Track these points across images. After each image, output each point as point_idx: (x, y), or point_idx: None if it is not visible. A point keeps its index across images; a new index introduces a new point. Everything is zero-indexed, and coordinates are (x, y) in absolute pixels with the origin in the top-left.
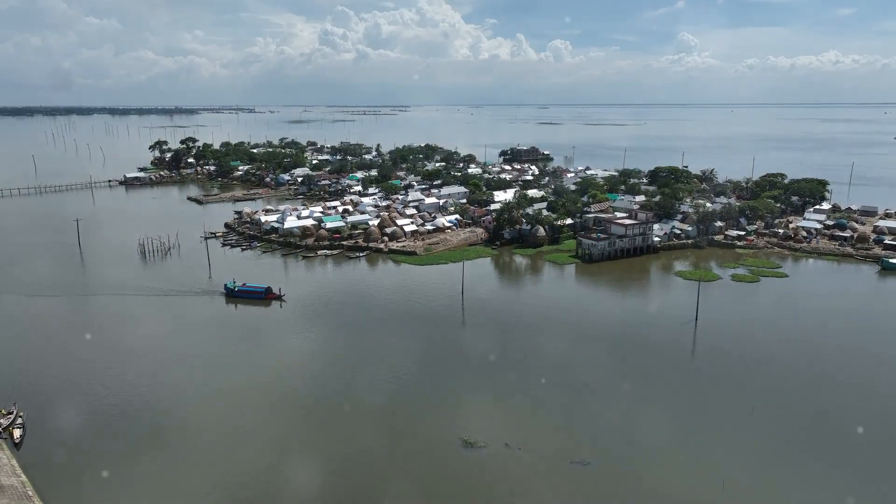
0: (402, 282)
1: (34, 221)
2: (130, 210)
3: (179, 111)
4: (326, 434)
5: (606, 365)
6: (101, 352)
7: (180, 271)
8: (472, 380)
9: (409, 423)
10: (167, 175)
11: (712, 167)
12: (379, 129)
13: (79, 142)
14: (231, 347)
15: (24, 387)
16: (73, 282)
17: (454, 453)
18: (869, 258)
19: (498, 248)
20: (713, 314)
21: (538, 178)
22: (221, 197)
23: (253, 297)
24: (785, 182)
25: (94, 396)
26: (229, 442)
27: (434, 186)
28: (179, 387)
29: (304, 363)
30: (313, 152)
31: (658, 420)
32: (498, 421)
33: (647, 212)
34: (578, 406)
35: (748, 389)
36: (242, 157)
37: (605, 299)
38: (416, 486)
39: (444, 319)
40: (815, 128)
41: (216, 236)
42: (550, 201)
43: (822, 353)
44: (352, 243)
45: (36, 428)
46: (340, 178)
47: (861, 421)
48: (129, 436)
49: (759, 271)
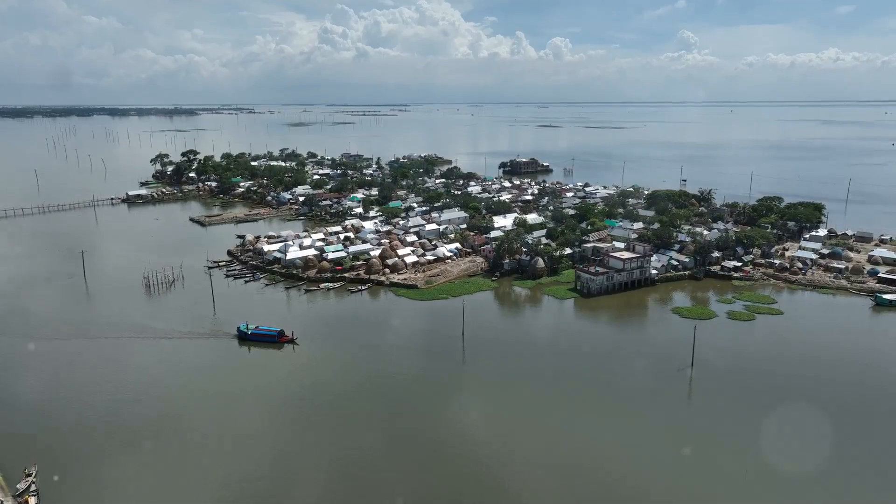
0: (405, 320)
1: (40, 250)
2: (134, 232)
3: (179, 112)
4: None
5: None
6: (120, 403)
7: (186, 306)
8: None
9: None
10: (169, 192)
11: (710, 188)
12: (379, 134)
13: (80, 151)
14: (252, 397)
15: (39, 439)
16: (82, 321)
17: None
18: (863, 291)
19: (497, 280)
20: (709, 355)
21: (537, 198)
22: (223, 218)
23: (266, 339)
24: (782, 206)
25: (112, 453)
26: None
27: (434, 209)
28: (201, 439)
29: (323, 417)
30: (314, 165)
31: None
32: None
33: (644, 244)
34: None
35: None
36: (243, 173)
37: (603, 339)
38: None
39: (447, 355)
40: (815, 131)
41: (219, 266)
42: (549, 228)
43: (814, 399)
44: (354, 275)
45: (51, 492)
46: (341, 198)
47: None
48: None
49: (754, 307)
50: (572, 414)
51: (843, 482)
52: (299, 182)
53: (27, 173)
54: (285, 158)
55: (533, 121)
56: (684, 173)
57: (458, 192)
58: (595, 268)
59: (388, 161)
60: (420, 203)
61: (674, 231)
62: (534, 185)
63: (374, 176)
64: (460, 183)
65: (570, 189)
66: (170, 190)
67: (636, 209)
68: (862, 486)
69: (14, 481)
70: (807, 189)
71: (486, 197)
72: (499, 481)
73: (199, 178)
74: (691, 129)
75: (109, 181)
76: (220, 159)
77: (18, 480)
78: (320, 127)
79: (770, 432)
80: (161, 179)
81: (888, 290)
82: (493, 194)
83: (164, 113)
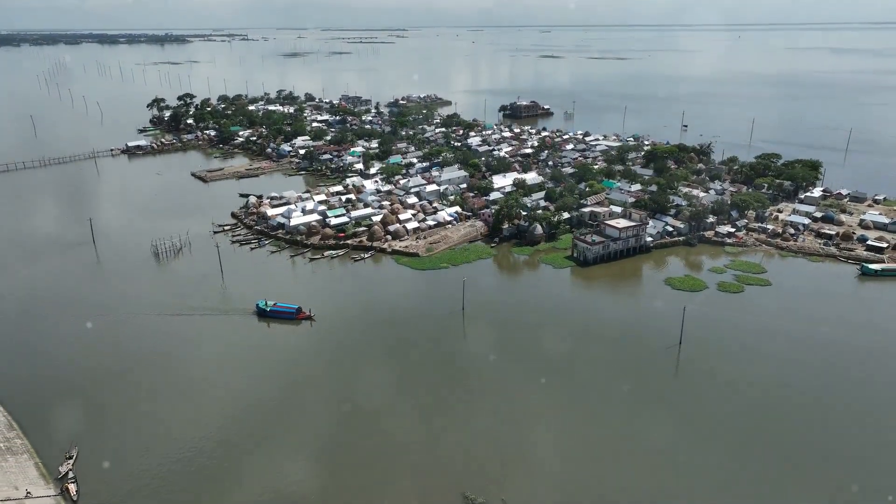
0: (408, 294)
1: (47, 213)
2: (137, 191)
3: (170, 38)
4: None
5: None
6: (153, 387)
7: (197, 278)
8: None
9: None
10: (168, 142)
11: (710, 140)
12: (376, 67)
13: (74, 92)
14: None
15: (78, 422)
16: (103, 300)
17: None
18: (851, 259)
19: (496, 246)
20: (698, 331)
21: (537, 151)
22: (224, 173)
23: (284, 316)
24: (779, 164)
25: (144, 435)
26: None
27: (434, 165)
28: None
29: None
30: (312, 111)
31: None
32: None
33: (640, 212)
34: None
35: (724, 423)
36: (241, 120)
37: (597, 313)
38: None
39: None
40: (824, 62)
41: (224, 230)
42: (548, 188)
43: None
44: (356, 242)
45: (89, 475)
46: (341, 150)
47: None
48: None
49: (744, 278)
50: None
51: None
52: (299, 133)
53: (24, 119)
54: (283, 101)
55: (534, 49)
56: (686, 118)
57: (458, 143)
58: (592, 237)
59: (388, 103)
60: (420, 159)
61: (670, 195)
62: (533, 137)
63: (374, 124)
64: (460, 133)
65: (570, 139)
66: (169, 140)
67: (634, 163)
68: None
69: (53, 466)
70: (807, 138)
71: (486, 150)
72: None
73: (198, 125)
74: (696, 61)
75: (107, 128)
76: (217, 101)
77: (59, 464)
78: (316, 58)
79: (745, 415)
80: (159, 126)
81: (875, 258)
82: (493, 146)
83: (154, 40)
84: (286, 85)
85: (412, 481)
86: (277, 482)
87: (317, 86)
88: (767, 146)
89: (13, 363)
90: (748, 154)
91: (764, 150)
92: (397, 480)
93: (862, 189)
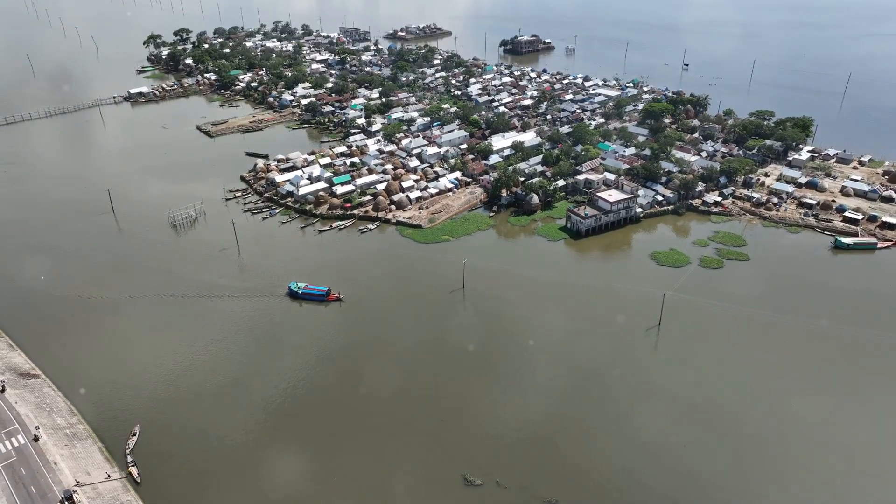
0: (411, 269)
1: (64, 177)
2: (145, 144)
3: None
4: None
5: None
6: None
7: (214, 254)
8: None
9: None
10: (170, 88)
11: (710, 82)
12: None
13: (65, 22)
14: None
15: (138, 403)
16: (133, 282)
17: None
18: (827, 231)
19: (495, 216)
20: (677, 317)
21: (536, 103)
22: (229, 127)
23: (315, 298)
24: (771, 123)
25: (199, 417)
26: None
27: (434, 122)
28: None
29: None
30: (311, 48)
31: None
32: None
33: (632, 184)
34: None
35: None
36: (241, 62)
37: (585, 284)
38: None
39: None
40: None
41: (236, 196)
42: (546, 151)
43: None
44: (362, 212)
45: (150, 456)
46: (343, 102)
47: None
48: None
49: (725, 252)
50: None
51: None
52: (299, 80)
53: (20, 56)
54: (280, 35)
55: None
56: (687, 56)
57: (458, 91)
58: (585, 211)
59: (387, 34)
60: (421, 113)
61: (662, 160)
62: (534, 82)
63: (374, 64)
64: (461, 79)
65: (570, 85)
66: (170, 85)
67: (632, 117)
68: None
69: (115, 449)
70: (807, 80)
71: (486, 100)
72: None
73: (197, 67)
74: None
75: (105, 66)
76: (213, 35)
77: (122, 446)
78: None
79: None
80: (156, 65)
81: (850, 230)
82: (492, 96)
83: None
84: (282, 13)
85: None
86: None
87: (313, 13)
88: (766, 89)
89: (66, 346)
90: (746, 100)
91: (762, 94)
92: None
93: (851, 147)
